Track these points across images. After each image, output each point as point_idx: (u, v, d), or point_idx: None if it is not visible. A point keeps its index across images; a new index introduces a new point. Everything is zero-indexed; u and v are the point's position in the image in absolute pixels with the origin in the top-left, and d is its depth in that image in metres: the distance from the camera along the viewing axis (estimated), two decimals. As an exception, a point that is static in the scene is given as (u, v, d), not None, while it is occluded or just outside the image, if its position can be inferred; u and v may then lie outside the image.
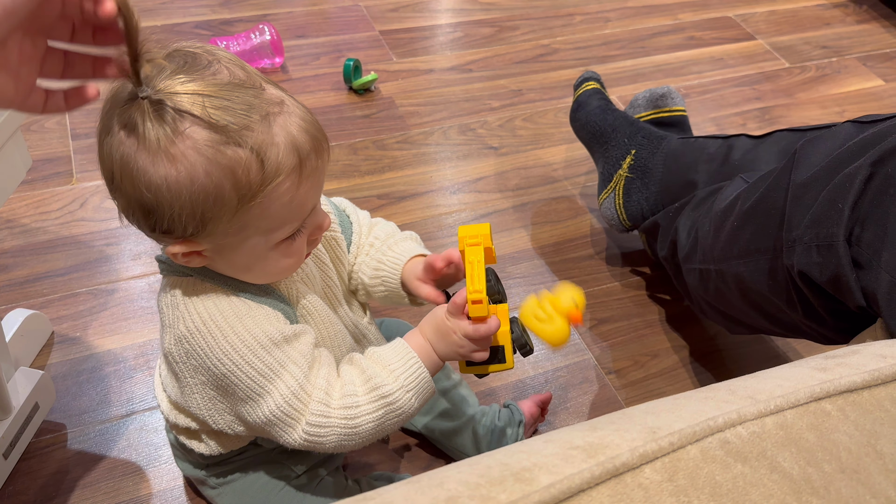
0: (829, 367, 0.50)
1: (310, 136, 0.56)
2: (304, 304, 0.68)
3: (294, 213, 0.58)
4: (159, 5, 1.62)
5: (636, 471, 0.40)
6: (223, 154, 0.52)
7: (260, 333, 0.60)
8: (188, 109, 0.51)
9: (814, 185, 0.67)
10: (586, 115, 1.17)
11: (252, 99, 0.53)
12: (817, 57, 1.74)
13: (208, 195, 0.53)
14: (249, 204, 0.54)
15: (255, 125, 0.53)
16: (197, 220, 0.55)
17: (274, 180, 0.54)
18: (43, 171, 1.22)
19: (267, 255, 0.60)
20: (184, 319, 0.61)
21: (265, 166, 0.53)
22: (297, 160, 0.55)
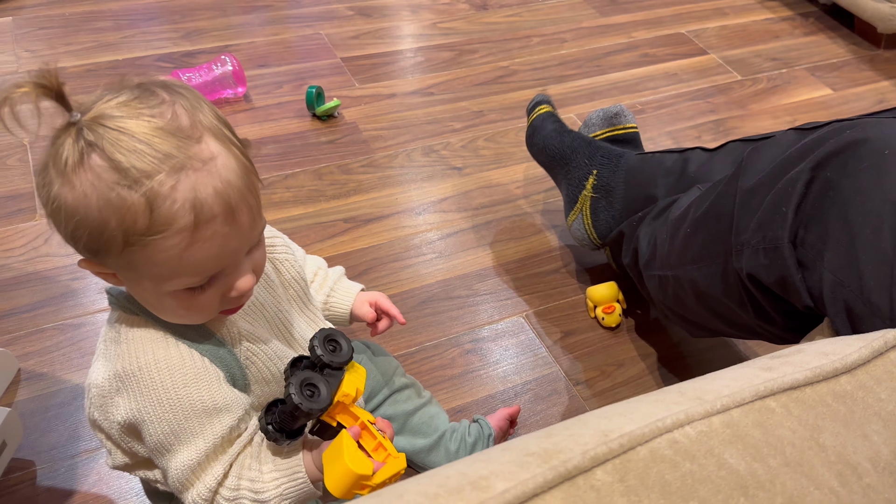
0: (774, 367, 0.52)
1: (222, 200, 0.55)
2: (248, 346, 0.68)
3: (186, 269, 0.57)
4: (120, 39, 1.63)
5: (588, 473, 0.41)
6: (116, 194, 0.52)
7: (187, 396, 0.62)
8: (100, 144, 0.52)
9: (759, 190, 0.70)
10: (543, 139, 1.19)
11: (173, 149, 0.53)
12: (768, 69, 1.80)
13: (95, 228, 0.54)
14: (133, 247, 0.54)
15: (159, 175, 0.52)
16: (86, 247, 0.56)
17: (161, 232, 0.54)
18: (6, 208, 1.22)
19: (162, 301, 0.60)
20: (121, 359, 0.62)
21: (153, 216, 0.53)
22: (193, 220, 0.54)
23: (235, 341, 0.67)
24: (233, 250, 0.58)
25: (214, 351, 0.65)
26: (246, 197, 0.57)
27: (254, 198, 0.58)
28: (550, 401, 1.05)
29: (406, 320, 1.11)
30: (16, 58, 1.54)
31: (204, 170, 0.54)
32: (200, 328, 0.65)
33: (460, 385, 1.05)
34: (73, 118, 0.53)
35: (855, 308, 0.60)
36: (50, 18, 1.66)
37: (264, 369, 0.69)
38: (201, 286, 0.58)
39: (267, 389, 0.71)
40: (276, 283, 0.76)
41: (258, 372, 0.69)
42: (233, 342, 0.67)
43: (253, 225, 0.59)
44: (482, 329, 1.13)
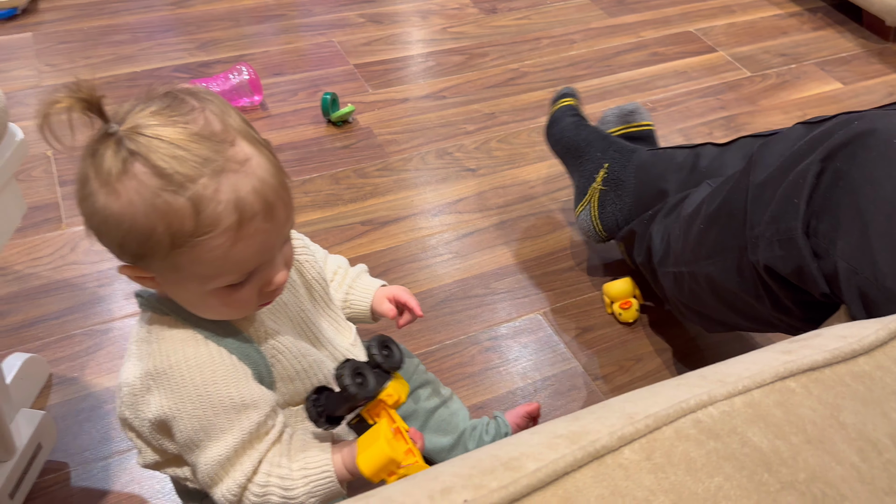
0: (793, 350, 0.53)
1: (261, 198, 0.57)
2: (273, 343, 0.69)
3: (230, 267, 0.59)
4: (138, 52, 1.66)
5: (616, 452, 0.43)
6: (163, 199, 0.54)
7: (216, 392, 0.63)
8: (142, 152, 0.54)
9: (770, 184, 0.71)
10: (560, 130, 1.21)
11: (211, 153, 0.55)
12: (777, 65, 1.81)
13: (142, 234, 0.56)
14: (180, 249, 0.56)
15: (202, 178, 0.54)
16: (132, 254, 0.58)
17: (208, 233, 0.55)
18: (33, 219, 1.25)
19: (205, 300, 0.62)
20: (153, 358, 0.64)
21: (199, 218, 0.55)
22: (237, 219, 0.56)
23: (262, 339, 0.69)
24: (271, 245, 0.60)
25: (242, 349, 0.67)
26: (281, 194, 0.59)
27: (287, 194, 0.60)
28: (570, 396, 1.06)
29: (425, 318, 1.14)
30: (37, 72, 1.57)
31: (242, 171, 0.56)
32: (228, 327, 0.67)
33: (480, 382, 1.07)
34: (110, 129, 0.55)
35: (870, 294, 0.62)
36: (69, 33, 1.69)
37: (289, 367, 0.71)
38: (241, 282, 0.61)
39: (291, 387, 0.73)
40: (298, 283, 0.77)
41: (283, 370, 0.71)
42: (259, 340, 0.69)
43: (287, 220, 0.61)
44: (500, 327, 1.15)
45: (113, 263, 1.14)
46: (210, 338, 0.66)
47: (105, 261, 1.18)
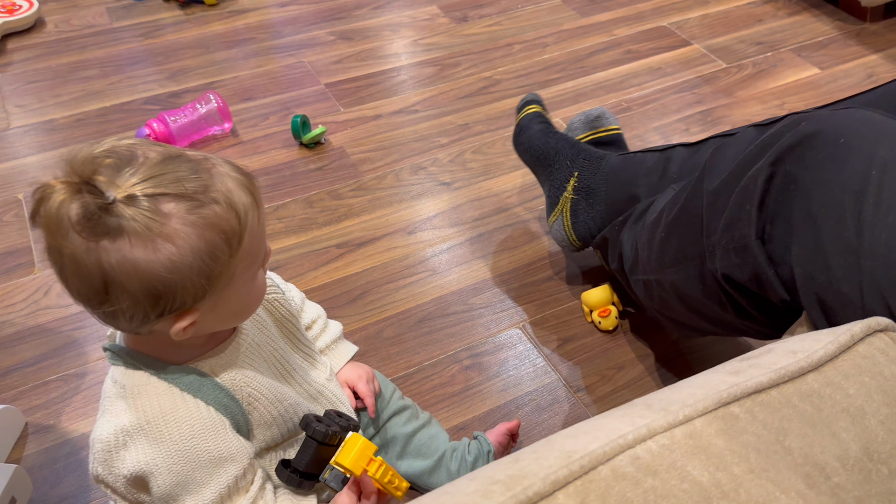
0: (741, 370, 0.52)
1: (240, 172, 0.61)
2: (249, 391, 0.69)
3: (261, 241, 0.64)
4: (107, 86, 1.65)
5: (549, 498, 0.42)
6: (204, 216, 0.56)
7: (194, 447, 0.63)
8: (158, 192, 0.55)
9: (724, 190, 0.70)
10: (528, 139, 1.20)
11: (188, 163, 0.58)
12: (753, 54, 1.79)
13: (208, 256, 0.57)
14: (238, 249, 0.59)
15: (208, 182, 0.57)
16: (203, 284, 0.58)
17: (248, 221, 0.59)
18: (5, 264, 1.24)
19: (249, 292, 0.65)
20: (128, 413, 0.63)
21: (237, 212, 0.58)
22: (250, 194, 0.60)
23: (238, 387, 0.69)
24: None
25: (218, 398, 0.67)
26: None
27: None
28: (552, 410, 1.05)
29: (403, 341, 1.13)
30: (6, 114, 1.57)
31: (213, 163, 0.60)
32: (204, 378, 0.67)
33: (461, 402, 1.05)
34: (108, 199, 0.54)
35: (827, 300, 0.60)
36: (37, 72, 1.69)
37: (265, 413, 0.71)
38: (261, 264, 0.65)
39: (269, 434, 0.73)
40: (268, 322, 0.77)
41: (260, 416, 0.71)
42: (235, 388, 0.68)
43: None
44: (480, 344, 1.13)
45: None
46: (186, 390, 0.65)
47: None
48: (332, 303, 1.18)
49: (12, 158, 1.45)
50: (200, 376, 0.66)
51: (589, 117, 1.19)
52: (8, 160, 1.45)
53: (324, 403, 0.81)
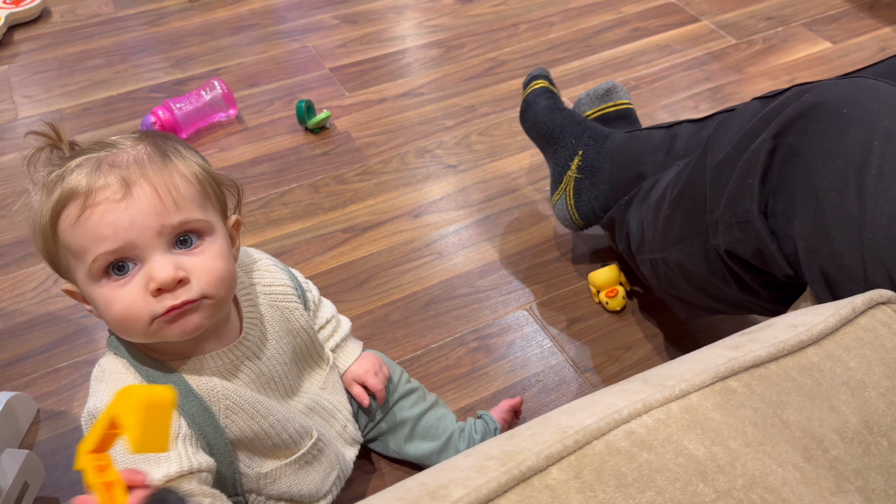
0: (741, 345, 0.51)
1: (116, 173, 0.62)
2: (227, 404, 0.69)
3: (88, 239, 0.61)
4: (113, 75, 1.66)
5: (543, 473, 0.41)
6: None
7: None
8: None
9: (727, 164, 0.69)
10: (534, 115, 1.19)
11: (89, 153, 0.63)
12: (763, 29, 1.76)
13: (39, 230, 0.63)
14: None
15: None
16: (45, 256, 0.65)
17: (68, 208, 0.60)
18: (14, 254, 1.25)
19: (97, 297, 0.62)
20: (94, 397, 0.65)
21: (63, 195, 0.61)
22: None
23: (214, 398, 0.68)
24: (129, 226, 0.60)
25: (185, 407, 0.66)
26: (153, 177, 0.61)
27: (173, 182, 0.62)
28: (559, 391, 1.04)
29: (410, 324, 1.13)
30: (14, 105, 1.58)
31: (108, 158, 0.62)
32: (179, 381, 0.66)
33: (468, 384, 1.05)
34: None
35: (830, 273, 0.59)
36: (44, 62, 1.70)
37: (245, 427, 0.70)
38: (125, 277, 0.61)
39: (259, 448, 0.72)
40: (282, 331, 0.76)
41: (240, 430, 0.70)
42: (210, 398, 0.67)
43: (166, 210, 0.61)
44: (487, 326, 1.13)
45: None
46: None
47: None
48: (339, 287, 1.19)
49: (21, 149, 1.46)
50: (176, 378, 0.66)
51: (598, 92, 1.17)
52: (16, 150, 1.46)
53: (321, 414, 0.81)
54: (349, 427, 0.85)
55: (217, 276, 0.63)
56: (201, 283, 0.62)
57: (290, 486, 0.76)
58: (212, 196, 0.66)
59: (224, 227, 0.68)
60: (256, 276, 0.77)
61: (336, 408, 0.83)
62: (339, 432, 0.84)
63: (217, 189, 0.68)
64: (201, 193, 0.64)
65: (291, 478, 0.76)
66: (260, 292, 0.76)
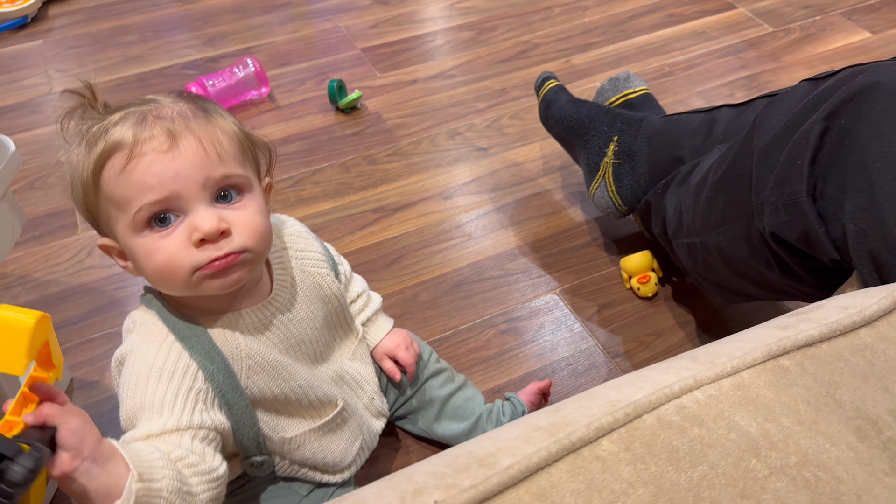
0: (791, 325, 0.51)
1: (161, 125, 0.63)
2: (249, 364, 0.68)
3: (133, 189, 0.61)
4: (146, 51, 1.67)
5: (593, 444, 0.41)
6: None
7: (150, 384, 0.62)
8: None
9: (775, 146, 0.67)
10: (559, 110, 1.18)
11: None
12: (801, 17, 1.73)
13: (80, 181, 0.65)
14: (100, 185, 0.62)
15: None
16: (84, 208, 0.67)
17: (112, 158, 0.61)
18: (49, 226, 1.27)
19: (136, 249, 0.62)
20: (125, 344, 0.66)
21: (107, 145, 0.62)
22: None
23: (236, 356, 0.68)
24: (174, 175, 0.60)
25: (207, 362, 0.65)
26: (197, 130, 0.62)
27: (215, 135, 0.63)
28: (589, 375, 1.04)
29: (440, 304, 1.13)
30: (48, 79, 1.59)
31: (153, 111, 0.62)
32: (204, 337, 0.66)
33: (496, 366, 1.05)
34: None
35: (880, 257, 0.58)
36: (78, 37, 1.71)
37: (266, 389, 0.70)
38: (168, 228, 0.61)
39: (275, 412, 0.72)
40: (313, 297, 0.76)
41: (260, 392, 0.69)
42: (233, 356, 0.67)
43: (209, 162, 0.61)
44: (516, 309, 1.13)
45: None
46: (179, 339, 0.65)
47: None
48: (368, 266, 1.19)
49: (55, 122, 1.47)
50: (201, 333, 0.66)
51: (616, 81, 1.16)
52: (51, 124, 1.47)
53: (349, 384, 0.81)
54: (376, 399, 0.85)
55: (257, 230, 0.64)
56: (242, 236, 0.63)
57: (314, 453, 0.76)
58: (249, 155, 0.67)
59: (260, 186, 0.69)
60: (289, 241, 0.77)
61: (364, 379, 0.84)
62: (366, 404, 0.84)
63: (252, 150, 0.69)
64: (241, 151, 0.65)
65: (315, 444, 0.76)
66: (292, 256, 0.76)
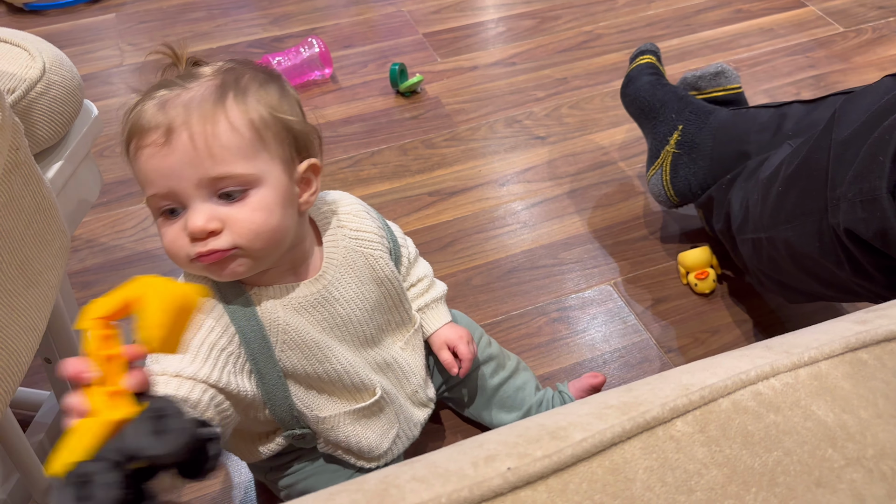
0: (868, 320, 0.50)
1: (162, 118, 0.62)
2: (285, 339, 0.68)
3: (153, 180, 0.62)
4: (214, 28, 1.70)
5: (668, 424, 0.41)
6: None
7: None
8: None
9: (854, 141, 0.66)
10: (636, 90, 1.17)
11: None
12: (873, 18, 1.69)
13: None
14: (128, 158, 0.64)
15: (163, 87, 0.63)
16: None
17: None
18: (117, 193, 1.31)
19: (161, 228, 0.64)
20: None
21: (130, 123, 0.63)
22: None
23: (274, 329, 0.67)
24: (169, 172, 0.60)
25: (246, 327, 0.66)
26: (193, 123, 0.60)
27: (214, 129, 0.61)
28: (641, 368, 1.03)
29: (492, 289, 1.13)
30: (120, 52, 1.63)
31: (171, 100, 0.62)
32: (247, 305, 0.67)
33: (547, 353, 1.05)
34: None
35: (962, 259, 0.57)
36: (149, 12, 1.75)
37: (299, 366, 0.69)
38: (173, 216, 0.62)
39: (309, 388, 0.72)
40: (367, 278, 0.74)
41: (293, 367, 0.69)
42: (271, 328, 0.67)
43: (199, 159, 0.60)
44: (569, 297, 1.12)
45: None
46: (221, 300, 0.66)
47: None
48: (423, 248, 1.19)
49: (125, 93, 1.51)
50: (245, 301, 0.66)
51: (706, 75, 1.14)
52: (121, 95, 1.51)
53: (396, 373, 0.79)
54: (420, 392, 0.82)
55: (251, 228, 0.62)
56: (233, 234, 0.62)
57: (348, 437, 0.75)
58: (271, 142, 0.64)
59: (285, 174, 0.65)
60: (344, 220, 0.75)
61: (412, 370, 0.81)
62: (409, 394, 0.82)
63: (285, 134, 0.65)
64: (253, 142, 0.62)
65: (349, 428, 0.74)
66: (345, 235, 0.74)
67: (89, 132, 0.79)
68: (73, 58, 0.82)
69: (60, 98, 0.73)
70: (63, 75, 0.74)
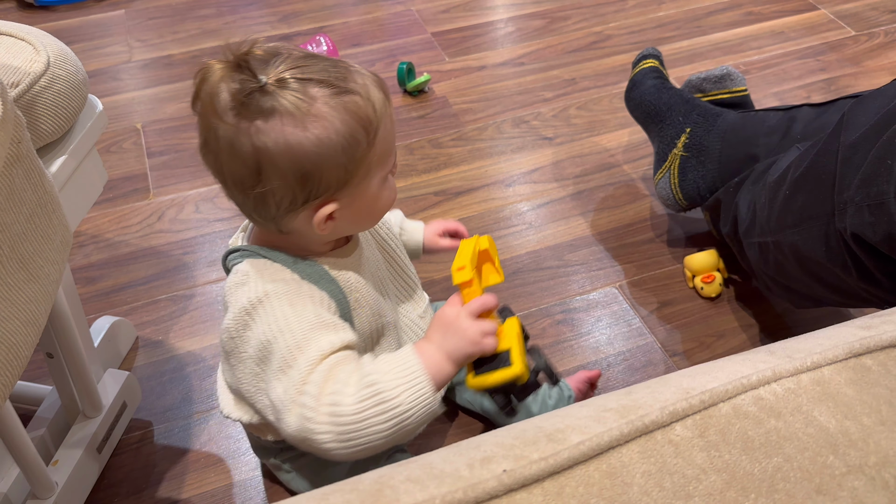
0: (873, 325, 0.49)
1: (373, 74, 0.63)
2: (357, 297, 0.71)
3: (393, 140, 0.65)
4: (223, 25, 1.70)
5: (666, 428, 0.41)
6: (346, 102, 0.59)
7: (305, 311, 0.63)
8: (305, 77, 0.58)
9: (863, 144, 0.65)
10: (640, 94, 1.16)
11: (327, 60, 0.61)
12: (886, 22, 1.67)
13: (349, 139, 0.60)
14: (375, 140, 0.61)
15: (347, 75, 0.60)
16: (346, 166, 0.61)
17: (383, 113, 0.61)
18: (122, 189, 1.31)
19: (380, 192, 0.66)
20: (248, 293, 0.64)
21: (374, 103, 0.61)
22: (382, 92, 0.62)
23: (349, 288, 0.70)
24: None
25: (333, 291, 0.68)
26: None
27: None
28: (645, 371, 1.03)
29: (497, 290, 1.13)
30: (128, 48, 1.64)
31: (349, 63, 0.62)
32: (323, 272, 0.69)
33: (551, 355, 1.05)
34: (260, 82, 0.58)
35: (971, 265, 0.56)
36: (158, 9, 1.75)
37: (365, 322, 0.72)
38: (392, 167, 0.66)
39: (364, 342, 0.73)
40: (371, 243, 0.79)
41: (360, 324, 0.72)
42: (347, 288, 0.70)
43: None
44: (573, 299, 1.12)
45: (197, 232, 1.19)
46: (305, 278, 0.67)
47: (190, 229, 1.22)
48: (429, 248, 1.19)
49: (133, 90, 1.52)
50: (320, 269, 0.68)
51: (711, 77, 1.13)
52: (129, 91, 1.51)
53: (412, 338, 0.82)
54: None
55: None
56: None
57: None
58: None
59: None
60: None
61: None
62: None
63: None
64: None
65: None
66: None
67: (94, 127, 0.79)
68: (82, 53, 0.83)
69: (65, 92, 0.73)
70: (67, 70, 0.74)
